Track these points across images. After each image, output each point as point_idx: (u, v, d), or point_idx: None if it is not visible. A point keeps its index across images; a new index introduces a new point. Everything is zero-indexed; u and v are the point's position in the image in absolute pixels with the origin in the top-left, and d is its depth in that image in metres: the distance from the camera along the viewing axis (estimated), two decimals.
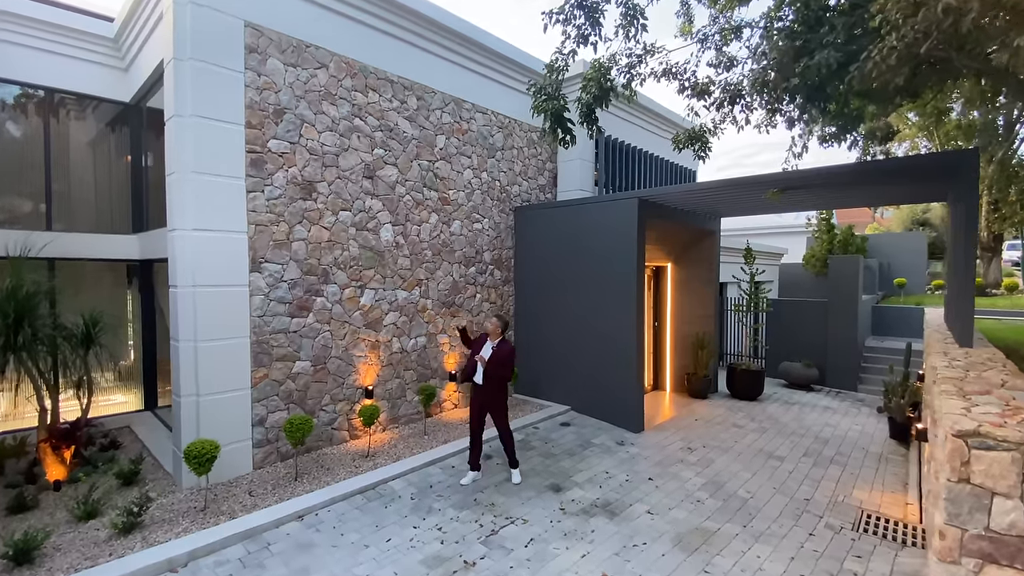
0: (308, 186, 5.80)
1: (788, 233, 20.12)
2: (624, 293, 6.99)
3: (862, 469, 6.02)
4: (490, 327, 5.39)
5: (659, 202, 7.28)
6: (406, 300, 6.79)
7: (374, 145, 6.39)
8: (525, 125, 8.59)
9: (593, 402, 7.44)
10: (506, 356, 5.26)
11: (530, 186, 8.72)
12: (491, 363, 5.19)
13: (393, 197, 6.60)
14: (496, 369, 5.20)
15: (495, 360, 5.20)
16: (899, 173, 5.61)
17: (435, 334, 7.18)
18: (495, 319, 5.42)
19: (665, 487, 5.33)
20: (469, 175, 7.63)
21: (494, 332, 5.36)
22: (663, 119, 10.76)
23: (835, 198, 7.14)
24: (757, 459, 6.22)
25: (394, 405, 6.69)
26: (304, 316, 5.78)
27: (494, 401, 5.28)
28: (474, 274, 7.77)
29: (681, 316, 9.37)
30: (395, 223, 6.63)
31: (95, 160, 7.36)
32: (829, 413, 8.29)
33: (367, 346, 6.36)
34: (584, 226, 7.48)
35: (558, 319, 7.82)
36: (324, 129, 5.92)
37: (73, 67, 6.73)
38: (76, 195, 7.19)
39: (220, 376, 5.14)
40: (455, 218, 7.43)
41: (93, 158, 7.33)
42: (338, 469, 5.47)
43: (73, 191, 7.16)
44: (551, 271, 7.91)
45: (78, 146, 7.15)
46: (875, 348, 10.74)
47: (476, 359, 5.24)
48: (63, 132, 6.97)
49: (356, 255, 6.22)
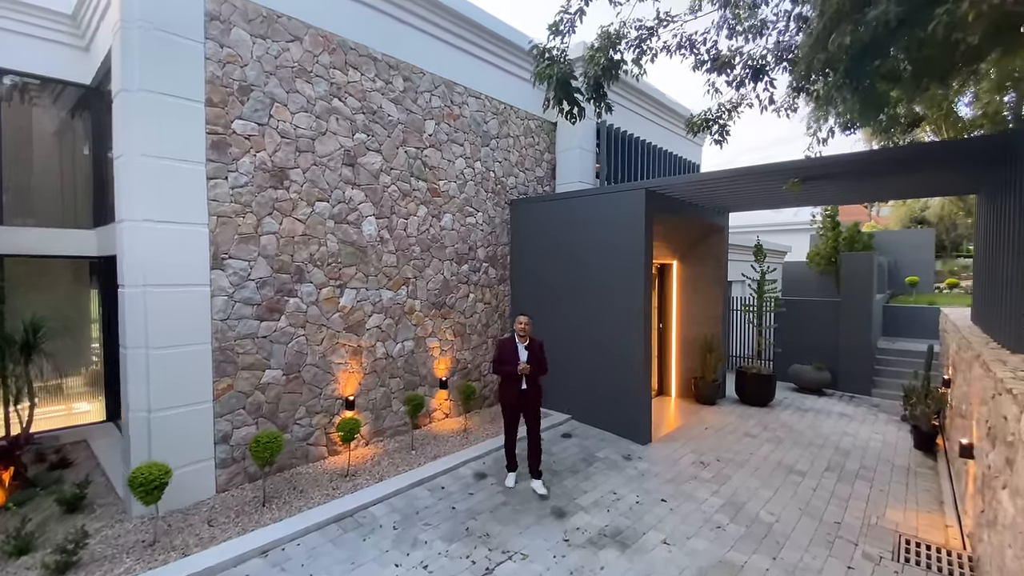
0: (279, 173, 5.17)
1: (791, 230, 19.69)
2: (630, 292, 6.43)
3: (891, 485, 5.49)
4: (521, 328, 5.03)
5: (667, 194, 6.71)
6: (391, 301, 6.17)
7: (355, 129, 5.76)
8: (522, 112, 7.99)
9: (596, 411, 6.88)
10: (541, 353, 5.10)
11: (527, 178, 8.12)
12: (533, 368, 4.99)
13: (377, 187, 5.98)
14: (538, 371, 5.06)
15: (535, 363, 5.02)
16: (933, 159, 5.07)
17: (424, 338, 6.56)
18: (525, 317, 5.07)
19: (680, 510, 4.76)
20: (461, 164, 7.02)
21: (526, 332, 5.04)
22: (668, 109, 10.20)
23: (857, 190, 6.62)
24: (777, 474, 5.68)
25: (378, 416, 6.07)
26: (275, 319, 5.15)
27: (534, 402, 5.08)
28: (467, 272, 7.16)
29: (688, 317, 8.82)
30: (379, 216, 6.01)
31: (54, 148, 6.66)
32: (846, 420, 7.78)
33: (348, 352, 5.74)
34: (586, 220, 6.90)
35: (558, 321, 7.23)
36: (298, 110, 5.29)
37: (28, 46, 6.03)
38: (34, 186, 6.49)
39: (176, 388, 4.51)
40: (446, 211, 6.82)
41: (52, 146, 6.63)
42: (313, 491, 4.85)
43: (31, 181, 6.46)
44: (550, 269, 7.33)
45: (36, 133, 6.45)
46: (887, 350, 10.26)
47: (520, 371, 4.92)
48: (18, 118, 6.28)
49: (335, 251, 5.60)
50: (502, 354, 5.04)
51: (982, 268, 5.67)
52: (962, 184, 6.20)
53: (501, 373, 5.06)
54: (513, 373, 4.95)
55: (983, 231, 5.72)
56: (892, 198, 7.72)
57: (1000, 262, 4.42)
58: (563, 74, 4.09)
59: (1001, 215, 4.50)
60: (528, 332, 5.06)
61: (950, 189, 6.92)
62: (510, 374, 4.97)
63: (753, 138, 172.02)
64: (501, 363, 5.02)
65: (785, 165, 5.31)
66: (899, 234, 17.67)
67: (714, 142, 5.13)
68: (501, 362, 5.02)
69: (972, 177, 5.57)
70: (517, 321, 5.06)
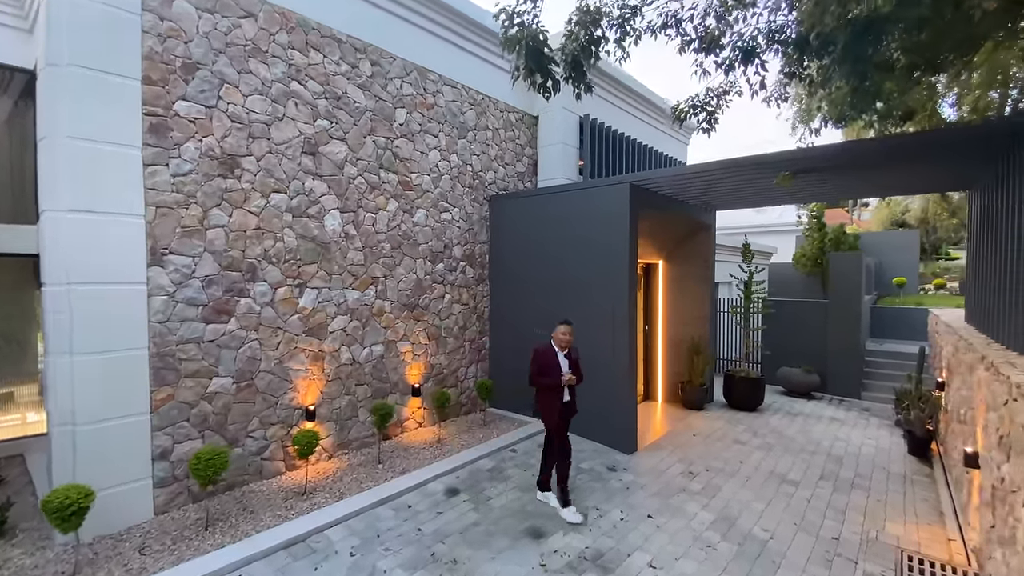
0: (229, 161, 4.70)
1: (776, 232, 19.61)
2: (614, 293, 6.07)
3: (888, 494, 5.19)
4: (563, 337, 4.65)
5: (652, 189, 6.38)
6: (358, 302, 5.72)
7: (316, 115, 5.32)
8: (501, 104, 7.61)
9: (579, 419, 6.44)
10: (579, 363, 4.79)
11: (507, 173, 7.74)
12: (577, 378, 4.68)
13: (341, 179, 5.54)
14: (580, 382, 4.74)
15: (577, 373, 4.69)
16: (930, 148, 4.80)
17: (395, 341, 6.12)
18: (568, 327, 4.69)
19: (668, 527, 4.39)
20: (435, 157, 6.60)
21: (568, 343, 4.68)
22: (654, 106, 9.93)
23: (848, 185, 6.36)
24: (769, 484, 5.35)
25: (343, 427, 5.60)
26: (223, 321, 4.67)
27: (572, 416, 4.79)
28: (442, 271, 6.74)
29: (674, 318, 8.50)
30: (344, 209, 5.56)
31: (3, 138, 6.08)
32: (837, 425, 7.51)
33: (308, 357, 5.27)
34: (568, 217, 6.54)
35: (539, 323, 6.84)
36: (251, 92, 4.84)
37: None
38: None
39: (106, 399, 4.00)
40: (419, 206, 6.39)
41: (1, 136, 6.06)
42: (263, 512, 4.37)
43: None
44: (532, 268, 6.94)
45: None
46: (876, 352, 10.06)
47: (565, 383, 4.57)
48: None
49: (293, 247, 5.14)
50: (542, 365, 4.58)
51: (977, 267, 5.43)
52: (956, 179, 5.97)
53: (544, 385, 4.59)
54: (557, 385, 4.54)
55: (978, 229, 5.48)
56: (884, 194, 7.50)
57: (1004, 259, 4.15)
58: (534, 40, 3.68)
59: (1007, 209, 4.23)
60: (570, 342, 4.68)
61: (944, 185, 6.70)
62: (555, 386, 4.56)
63: (742, 140, 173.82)
64: (542, 374, 4.57)
65: (776, 156, 5.01)
66: (883, 235, 17.68)
67: (701, 130, 4.80)
68: (542, 373, 4.57)
69: (968, 170, 5.32)
70: (557, 330, 4.65)
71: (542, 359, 4.62)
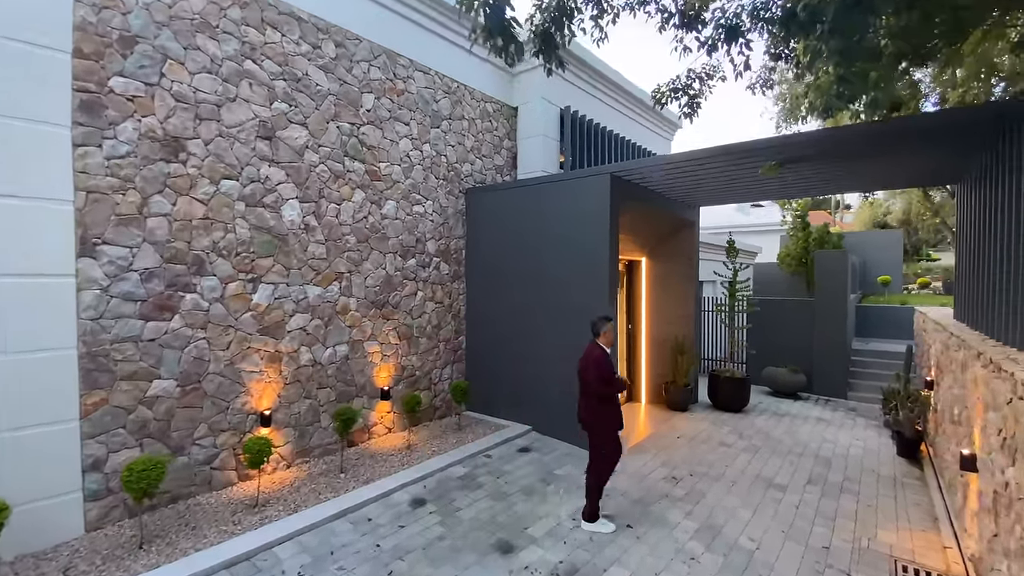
0: (173, 143, 4.31)
1: (761, 232, 19.58)
2: (595, 289, 5.78)
3: (879, 499, 4.96)
4: (610, 335, 4.31)
5: (635, 181, 6.11)
6: (320, 298, 5.34)
7: (273, 97, 4.95)
8: (478, 94, 7.29)
9: (558, 421, 6.18)
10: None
11: (484, 166, 7.42)
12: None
13: (301, 166, 5.16)
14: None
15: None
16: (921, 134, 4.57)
17: (361, 341, 5.74)
18: (610, 323, 4.33)
19: (649, 538, 4.09)
20: (407, 146, 6.26)
21: (612, 340, 4.37)
22: (636, 100, 9.69)
23: (836, 178, 6.15)
24: (755, 489, 5.08)
25: (303, 434, 5.22)
26: (166, 319, 4.27)
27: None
28: (414, 267, 6.38)
29: (658, 317, 8.25)
30: (304, 199, 5.19)
31: None
32: (823, 426, 7.30)
33: (263, 358, 4.88)
34: (547, 211, 6.24)
35: (518, 322, 6.53)
36: (199, 70, 4.46)
37: None
38: None
39: (27, 404, 3.59)
40: (389, 197, 6.04)
41: None
42: (207, 528, 3.98)
43: None
44: (509, 265, 6.62)
45: None
46: (861, 351, 9.93)
47: (623, 382, 4.38)
48: None
49: (246, 238, 4.76)
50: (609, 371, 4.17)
51: (969, 263, 5.24)
52: (943, 171, 5.79)
53: (621, 390, 4.28)
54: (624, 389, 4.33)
55: (968, 223, 5.30)
56: (870, 188, 7.32)
57: (1002, 252, 3.94)
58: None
59: (1004, 200, 4.02)
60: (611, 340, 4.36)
61: (930, 178, 6.54)
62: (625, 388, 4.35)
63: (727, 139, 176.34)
64: (610, 383, 4.15)
65: (762, 142, 4.77)
66: (867, 235, 17.71)
67: (683, 115, 4.53)
68: (609, 381, 4.14)
69: (955, 160, 5.14)
70: (605, 327, 4.25)
71: (608, 362, 4.16)
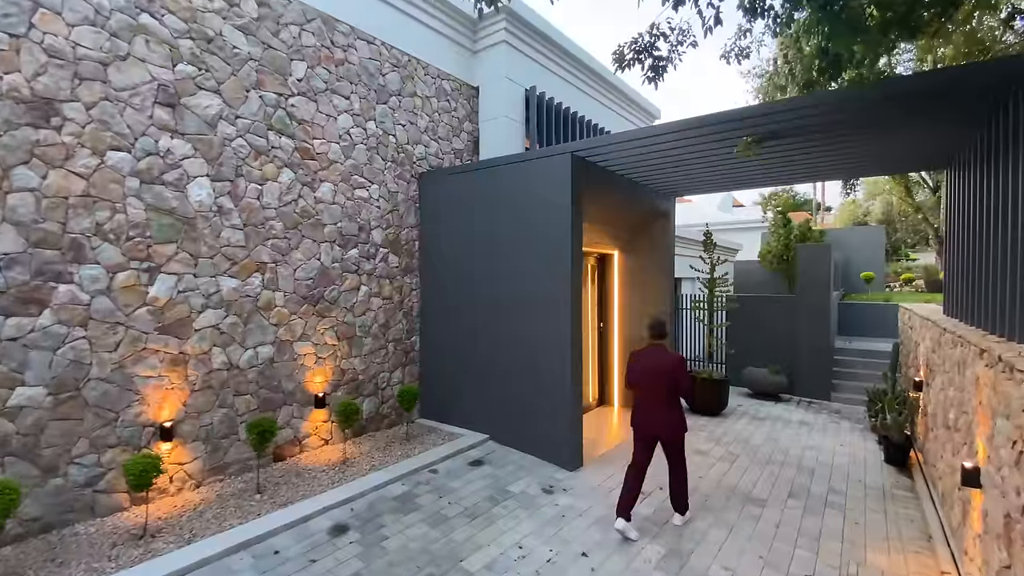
0: (44, 106, 3.60)
1: (743, 229, 19.27)
2: (556, 282, 5.19)
3: (867, 514, 4.45)
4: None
5: (600, 163, 5.54)
6: (237, 292, 4.65)
7: (178, 59, 4.26)
8: (433, 69, 6.66)
9: (518, 430, 5.57)
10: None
11: (441, 149, 6.79)
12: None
13: (212, 139, 4.48)
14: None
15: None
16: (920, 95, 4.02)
17: (290, 341, 5.06)
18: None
19: (607, 568, 3.49)
20: (347, 122, 5.59)
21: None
22: (607, 83, 9.15)
23: (818, 162, 5.63)
24: (731, 505, 4.53)
25: (216, 448, 4.52)
26: (32, 314, 3.56)
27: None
28: (356, 258, 5.72)
29: (631, 314, 7.69)
30: (217, 177, 4.50)
31: None
32: (806, 430, 6.81)
33: (163, 361, 4.18)
34: (505, 196, 5.64)
35: (477, 320, 5.91)
36: (80, 22, 3.76)
37: None
38: None
39: None
40: (325, 179, 5.37)
41: None
42: (76, 565, 3.27)
43: None
44: (467, 257, 6.00)
45: None
46: (845, 350, 9.51)
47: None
48: None
49: (140, 220, 4.05)
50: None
51: (963, 253, 4.76)
52: (934, 151, 5.31)
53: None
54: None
55: (962, 210, 4.82)
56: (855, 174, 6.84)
57: (1004, 239, 3.44)
58: None
59: (1005, 181, 3.52)
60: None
61: (920, 160, 6.05)
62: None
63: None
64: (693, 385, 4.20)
65: (737, 112, 4.21)
66: (849, 232, 17.46)
67: (646, 79, 3.96)
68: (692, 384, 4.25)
69: (948, 135, 4.66)
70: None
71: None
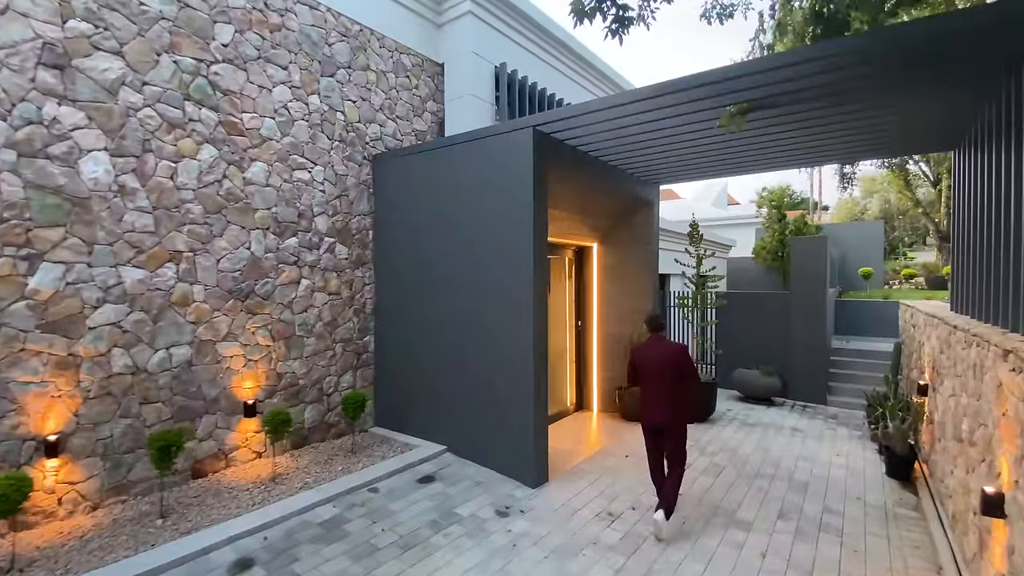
0: None
1: (737, 225, 18.73)
2: (518, 278, 4.61)
3: (868, 539, 3.87)
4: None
5: (569, 140, 4.95)
6: (144, 285, 4.05)
7: (69, 14, 3.66)
8: (389, 42, 6.06)
9: (477, 440, 4.99)
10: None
11: (400, 129, 6.19)
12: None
13: (113, 108, 3.87)
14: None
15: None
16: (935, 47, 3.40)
17: (212, 342, 4.46)
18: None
19: None
20: (284, 95, 4.99)
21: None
22: (583, 60, 8.54)
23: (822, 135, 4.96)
24: (712, 530, 3.95)
25: (118, 465, 3.92)
26: None
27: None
28: (296, 248, 5.12)
29: (611, 312, 7.12)
30: (117, 152, 3.90)
31: None
32: (800, 438, 6.24)
33: (47, 364, 3.58)
34: (464, 180, 5.06)
35: (436, 319, 5.33)
36: None
37: None
38: None
39: None
40: (257, 159, 4.77)
41: None
42: None
43: None
44: (426, 248, 5.41)
45: None
46: (842, 350, 8.95)
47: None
48: None
49: (16, 200, 3.44)
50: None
51: (974, 242, 4.19)
52: (944, 126, 4.71)
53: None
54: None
55: (977, 194, 4.24)
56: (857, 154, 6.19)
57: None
58: None
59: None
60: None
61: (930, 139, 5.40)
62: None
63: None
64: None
65: (723, 72, 3.58)
66: (847, 227, 16.89)
67: (609, 33, 3.38)
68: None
69: (961, 104, 4.07)
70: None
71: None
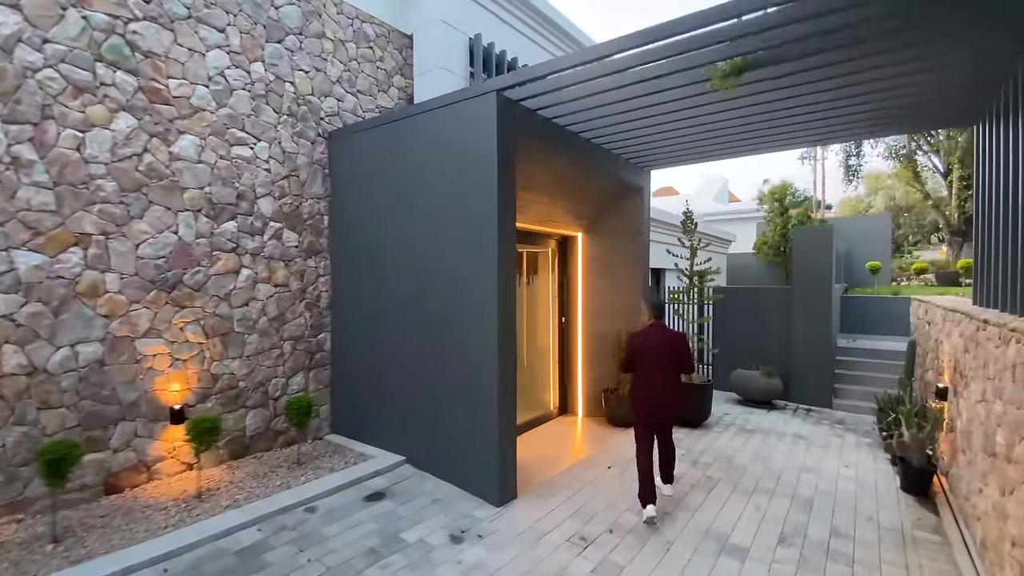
0: None
1: (737, 219, 18.14)
2: (480, 264, 4.05)
3: (883, 568, 3.30)
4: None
5: (542, 109, 4.38)
6: (43, 271, 3.50)
7: None
8: (348, 8, 5.49)
9: (438, 451, 4.43)
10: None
11: (361, 104, 5.63)
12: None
13: (7, 67, 3.31)
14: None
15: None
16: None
17: (129, 338, 3.91)
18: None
19: None
20: (220, 60, 4.43)
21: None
22: (567, 35, 7.96)
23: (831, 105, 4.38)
24: (701, 557, 3.38)
25: (10, 479, 3.37)
26: None
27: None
28: (234, 233, 4.56)
29: (598, 308, 6.55)
30: (10, 119, 3.34)
31: None
32: (803, 446, 5.66)
33: None
34: (426, 157, 4.49)
35: (397, 316, 4.77)
36: None
37: None
38: None
39: None
40: (186, 131, 4.21)
41: None
42: None
43: None
44: (387, 236, 4.85)
45: None
46: (849, 350, 8.37)
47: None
48: None
49: None
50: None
51: (1004, 227, 3.60)
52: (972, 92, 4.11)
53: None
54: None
55: (1001, 172, 3.65)
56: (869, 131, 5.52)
57: None
58: None
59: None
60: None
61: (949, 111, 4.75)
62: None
63: None
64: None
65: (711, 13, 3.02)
66: (853, 221, 16.25)
67: None
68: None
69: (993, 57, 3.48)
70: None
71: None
